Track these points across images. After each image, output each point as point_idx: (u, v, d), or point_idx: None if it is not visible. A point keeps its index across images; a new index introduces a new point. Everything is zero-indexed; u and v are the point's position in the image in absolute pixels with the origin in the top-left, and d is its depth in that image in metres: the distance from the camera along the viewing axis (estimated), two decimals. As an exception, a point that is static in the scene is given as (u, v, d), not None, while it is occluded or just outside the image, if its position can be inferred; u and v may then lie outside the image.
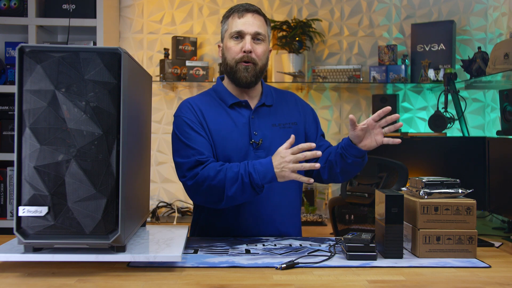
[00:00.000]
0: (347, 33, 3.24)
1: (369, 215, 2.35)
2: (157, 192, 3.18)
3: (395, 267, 1.38)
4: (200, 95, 1.86)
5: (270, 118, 1.80)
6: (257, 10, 1.76)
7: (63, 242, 1.25)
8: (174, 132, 1.76)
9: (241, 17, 1.73)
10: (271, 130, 1.78)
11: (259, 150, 1.74)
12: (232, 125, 1.75)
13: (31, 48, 1.24)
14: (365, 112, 3.23)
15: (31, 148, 1.23)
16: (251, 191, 1.58)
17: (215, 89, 1.84)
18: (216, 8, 3.21)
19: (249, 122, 1.76)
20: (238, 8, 1.75)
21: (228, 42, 1.75)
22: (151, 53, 3.21)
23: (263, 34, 1.74)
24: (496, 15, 3.06)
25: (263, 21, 1.77)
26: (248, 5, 1.76)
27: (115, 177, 1.24)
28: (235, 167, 1.60)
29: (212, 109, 1.77)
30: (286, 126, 1.81)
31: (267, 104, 1.81)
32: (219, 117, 1.77)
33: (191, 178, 1.64)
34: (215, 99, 1.81)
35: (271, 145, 1.75)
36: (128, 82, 1.28)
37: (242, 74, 1.72)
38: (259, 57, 1.74)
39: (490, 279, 1.30)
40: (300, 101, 1.92)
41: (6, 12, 2.80)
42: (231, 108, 1.78)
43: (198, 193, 1.65)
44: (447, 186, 1.53)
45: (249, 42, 1.71)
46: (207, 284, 1.23)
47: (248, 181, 1.56)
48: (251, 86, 1.77)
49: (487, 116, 3.13)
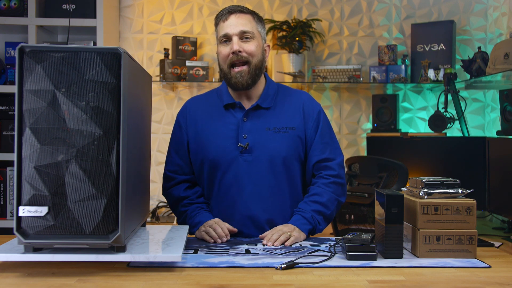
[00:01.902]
0: (347, 33, 3.24)
1: (369, 215, 2.35)
2: (157, 192, 3.18)
3: (395, 267, 1.38)
4: (205, 94, 1.90)
5: (265, 121, 1.76)
6: (241, 10, 1.74)
7: (63, 242, 1.25)
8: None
9: (226, 20, 1.73)
10: (263, 134, 1.75)
11: (245, 154, 1.74)
12: (222, 128, 1.77)
13: (31, 48, 1.24)
14: (365, 112, 3.23)
15: (31, 148, 1.23)
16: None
17: (219, 89, 1.86)
18: (216, 8, 3.21)
19: (239, 124, 1.75)
20: (222, 12, 1.76)
21: (219, 47, 1.77)
22: (151, 53, 3.21)
23: (250, 32, 1.72)
24: (496, 15, 3.06)
25: (249, 18, 1.74)
26: (231, 7, 1.76)
27: (115, 177, 1.24)
28: (183, 214, 1.80)
29: (206, 111, 1.81)
30: (282, 131, 1.76)
31: (263, 107, 1.77)
32: (211, 119, 1.79)
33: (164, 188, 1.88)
34: (214, 99, 1.83)
35: (260, 149, 1.74)
36: (128, 82, 1.28)
37: (236, 80, 1.73)
38: (251, 54, 1.72)
39: (490, 279, 1.30)
40: (309, 104, 1.82)
41: (6, 12, 2.80)
42: (226, 109, 1.79)
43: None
44: (447, 186, 1.53)
45: (236, 43, 1.70)
46: (207, 284, 1.23)
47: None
48: (250, 87, 1.76)
49: (487, 116, 3.13)
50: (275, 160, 1.75)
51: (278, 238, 1.60)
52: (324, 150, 1.79)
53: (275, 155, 1.74)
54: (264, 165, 1.74)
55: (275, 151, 1.74)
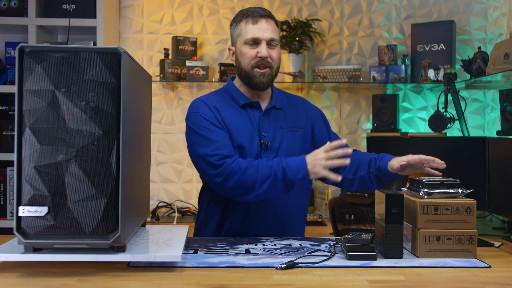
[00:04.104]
0: (347, 33, 3.24)
1: (369, 215, 2.35)
2: (157, 192, 3.18)
3: (395, 267, 1.38)
4: (212, 94, 1.86)
5: (279, 120, 1.82)
6: (270, 16, 1.78)
7: (63, 242, 1.25)
8: (192, 129, 1.73)
9: (256, 23, 1.74)
10: (280, 132, 1.79)
11: (268, 151, 1.76)
12: (247, 123, 1.77)
13: (31, 48, 1.24)
14: (365, 112, 3.23)
15: (31, 148, 1.23)
16: (282, 187, 1.59)
17: (227, 89, 1.85)
18: (216, 8, 3.21)
19: (259, 123, 1.78)
20: (252, 13, 1.75)
21: (242, 47, 1.76)
22: (151, 53, 3.21)
23: (276, 40, 1.77)
24: (496, 15, 3.06)
25: (275, 25, 1.79)
26: (261, 10, 1.77)
27: (115, 177, 1.24)
28: (268, 162, 1.61)
29: (226, 107, 1.78)
30: (294, 129, 1.82)
31: (277, 107, 1.83)
32: (233, 115, 1.77)
33: (221, 173, 1.62)
34: (227, 98, 1.82)
35: (279, 146, 1.77)
36: (128, 82, 1.28)
37: (259, 80, 1.75)
38: (274, 61, 1.77)
39: (490, 279, 1.30)
40: (309, 106, 1.94)
41: (6, 12, 2.80)
42: (243, 108, 1.79)
43: (227, 187, 1.62)
44: (447, 186, 1.53)
45: (265, 48, 1.73)
46: (207, 284, 1.23)
47: (281, 176, 1.58)
48: (266, 89, 1.80)
49: (487, 116, 3.13)
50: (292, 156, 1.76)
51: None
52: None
53: (291, 153, 1.77)
54: None
55: (291, 149, 1.78)
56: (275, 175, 1.58)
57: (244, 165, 1.61)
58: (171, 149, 3.20)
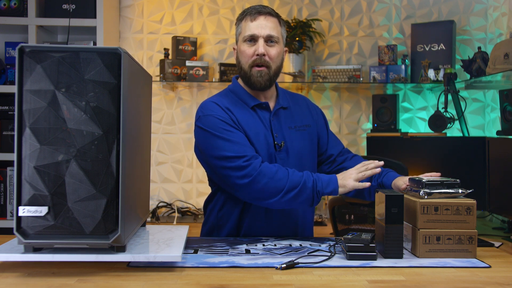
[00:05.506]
0: (347, 33, 3.24)
1: (369, 215, 2.35)
2: (157, 192, 3.19)
3: (395, 267, 1.38)
4: (219, 95, 1.81)
5: (287, 120, 1.81)
6: (270, 12, 1.75)
7: (63, 242, 1.25)
8: (207, 131, 1.67)
9: (254, 20, 1.72)
10: (289, 132, 1.79)
11: (281, 152, 1.75)
12: (259, 124, 1.75)
13: (31, 48, 1.24)
14: (365, 112, 3.23)
15: (31, 148, 1.23)
16: (308, 198, 1.61)
17: (232, 90, 1.81)
18: (216, 8, 3.21)
19: (270, 124, 1.77)
20: (251, 11, 1.74)
21: (241, 45, 1.75)
22: (151, 53, 3.21)
23: (276, 37, 1.73)
24: (496, 15, 3.06)
25: (276, 22, 1.75)
26: (261, 7, 1.75)
27: (115, 177, 1.24)
28: (299, 172, 1.64)
29: (237, 109, 1.75)
30: (301, 129, 1.82)
31: (284, 107, 1.82)
32: (245, 116, 1.74)
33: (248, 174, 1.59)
34: (235, 99, 1.78)
35: (290, 147, 1.77)
36: (128, 82, 1.28)
37: (256, 79, 1.73)
38: (272, 59, 1.73)
39: (490, 279, 1.30)
40: (311, 104, 1.95)
41: (6, 12, 2.80)
42: (252, 109, 1.77)
43: (254, 189, 1.60)
44: (447, 186, 1.53)
45: (262, 45, 1.71)
46: (207, 284, 1.23)
47: (311, 186, 1.60)
48: (265, 89, 1.78)
49: (487, 116, 3.13)
50: (302, 156, 1.79)
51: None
52: (338, 142, 1.95)
53: (302, 152, 1.78)
54: (295, 161, 1.76)
55: (301, 148, 1.79)
56: (304, 184, 1.59)
57: (274, 168, 1.61)
58: (171, 149, 3.20)
